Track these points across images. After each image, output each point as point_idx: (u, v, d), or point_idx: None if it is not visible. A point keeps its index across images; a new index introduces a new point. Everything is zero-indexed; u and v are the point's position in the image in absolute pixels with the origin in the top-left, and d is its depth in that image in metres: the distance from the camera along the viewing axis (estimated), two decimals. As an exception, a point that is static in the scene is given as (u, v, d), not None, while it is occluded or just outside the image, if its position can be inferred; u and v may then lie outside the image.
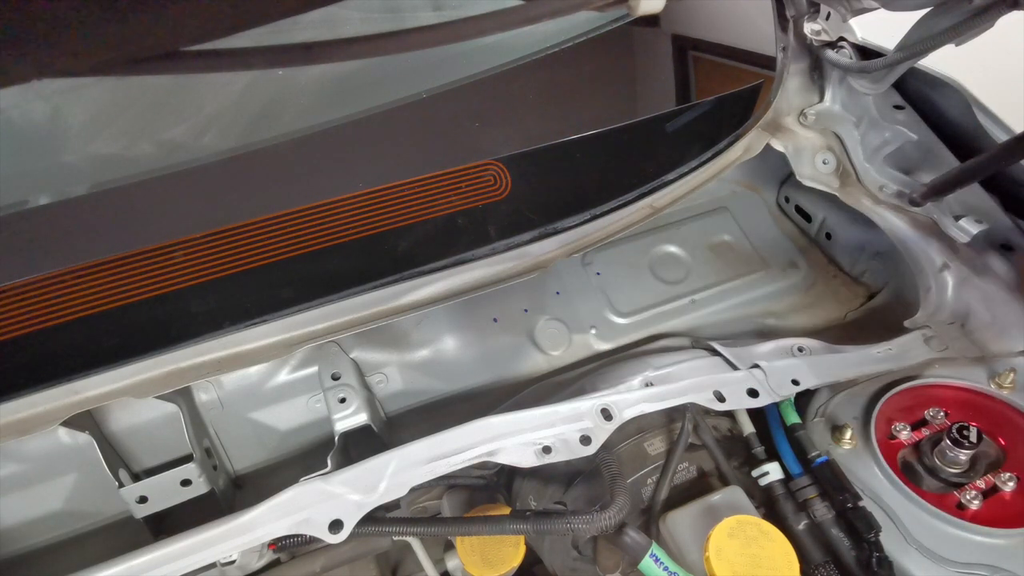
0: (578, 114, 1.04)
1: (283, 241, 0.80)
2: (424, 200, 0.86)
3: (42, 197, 0.82)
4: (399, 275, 0.84)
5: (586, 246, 0.93)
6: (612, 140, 0.97)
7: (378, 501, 0.68)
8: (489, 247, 0.88)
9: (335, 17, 0.87)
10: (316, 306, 0.82)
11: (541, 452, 0.72)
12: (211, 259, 0.78)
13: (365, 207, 0.84)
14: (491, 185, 0.89)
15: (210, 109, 0.90)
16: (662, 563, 0.69)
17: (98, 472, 0.86)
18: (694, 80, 1.16)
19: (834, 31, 0.99)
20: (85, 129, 0.86)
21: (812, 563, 0.75)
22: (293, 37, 0.77)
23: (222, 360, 0.79)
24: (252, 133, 0.90)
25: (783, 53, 1.05)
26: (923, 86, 1.02)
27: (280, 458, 1.05)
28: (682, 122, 1.04)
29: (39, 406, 0.74)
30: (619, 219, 0.95)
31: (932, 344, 0.90)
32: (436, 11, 0.98)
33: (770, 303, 1.20)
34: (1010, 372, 0.82)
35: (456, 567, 0.84)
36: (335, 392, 0.96)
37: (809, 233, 1.29)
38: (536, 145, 0.92)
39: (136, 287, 0.75)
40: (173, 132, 0.89)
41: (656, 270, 1.22)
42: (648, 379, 0.83)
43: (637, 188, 0.97)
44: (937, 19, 0.80)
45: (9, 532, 0.92)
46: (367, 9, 0.94)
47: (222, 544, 0.66)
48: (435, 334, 1.10)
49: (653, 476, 0.81)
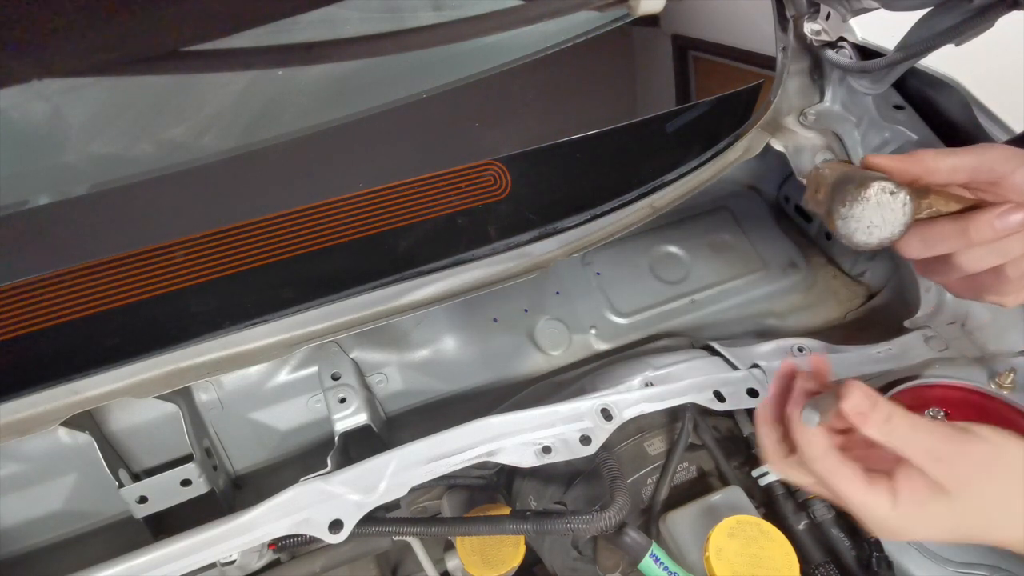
0: (578, 114, 1.04)
1: (283, 241, 0.80)
2: (424, 200, 0.86)
3: (42, 197, 0.82)
4: (399, 275, 0.84)
5: (586, 246, 0.93)
6: (612, 140, 0.97)
7: (378, 501, 0.68)
8: (489, 247, 0.88)
9: (335, 17, 0.87)
10: (316, 306, 0.82)
11: (541, 452, 0.72)
12: (211, 259, 0.78)
13: (365, 207, 0.84)
14: (491, 185, 0.89)
15: (210, 109, 0.89)
16: (662, 563, 0.69)
17: (98, 472, 0.86)
18: (694, 80, 1.16)
19: (834, 31, 0.99)
20: (85, 129, 0.85)
21: (812, 563, 0.75)
22: (293, 37, 0.78)
23: (222, 360, 0.79)
24: (252, 133, 0.90)
25: (783, 53, 1.05)
26: (923, 86, 1.02)
27: (280, 458, 1.05)
28: (682, 122, 1.04)
29: (39, 406, 0.74)
30: (619, 219, 0.96)
31: (932, 344, 0.90)
32: (436, 11, 0.98)
33: (770, 303, 1.20)
34: (1010, 372, 0.82)
35: (456, 567, 0.84)
36: (335, 392, 0.96)
37: (809, 233, 1.29)
38: (536, 145, 0.92)
39: (136, 287, 0.75)
40: (173, 132, 0.89)
41: (656, 270, 1.22)
42: (648, 379, 0.83)
43: (637, 188, 0.97)
44: (937, 19, 0.80)
45: (9, 532, 0.92)
46: (367, 9, 0.94)
47: (222, 544, 0.66)
48: (435, 334, 1.10)
49: (653, 476, 0.81)
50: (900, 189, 0.53)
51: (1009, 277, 0.55)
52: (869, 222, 0.54)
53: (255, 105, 0.91)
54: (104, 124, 0.86)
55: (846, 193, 0.55)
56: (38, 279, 0.73)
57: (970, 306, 0.93)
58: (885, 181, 0.53)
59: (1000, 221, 0.51)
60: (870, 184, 0.53)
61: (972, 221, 0.52)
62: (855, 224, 0.54)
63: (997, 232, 0.52)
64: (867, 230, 0.54)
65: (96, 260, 0.75)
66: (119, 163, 0.85)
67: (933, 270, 0.58)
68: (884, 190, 0.53)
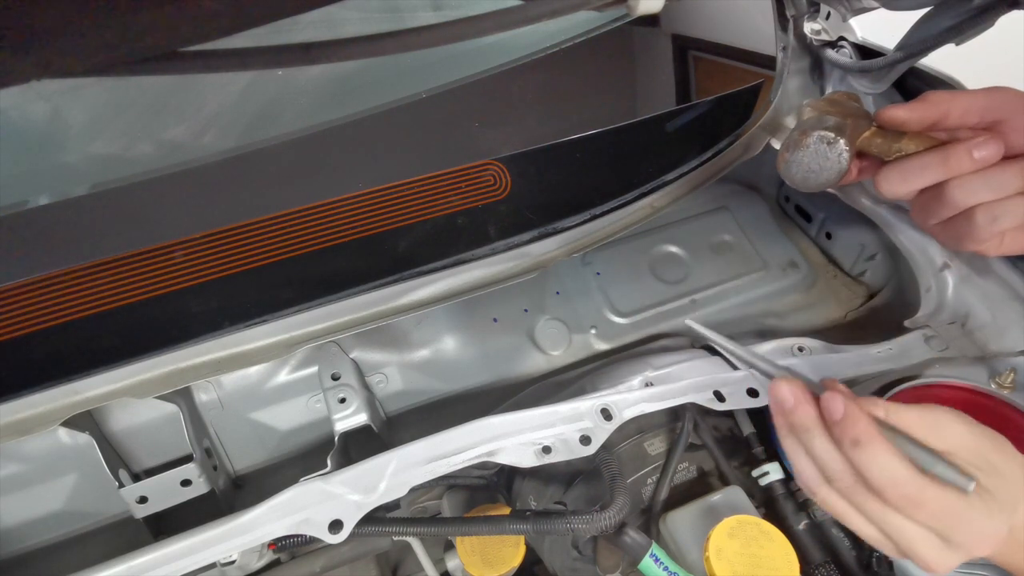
0: (578, 114, 1.04)
1: (283, 241, 0.80)
2: (424, 200, 0.86)
3: (42, 197, 0.82)
4: (399, 275, 0.84)
5: (586, 246, 0.93)
6: (612, 140, 0.97)
7: (378, 501, 0.68)
8: (489, 247, 0.88)
9: (335, 17, 0.87)
10: (316, 306, 0.82)
11: (541, 452, 0.72)
12: (211, 259, 0.78)
13: (365, 207, 0.84)
14: (491, 185, 0.89)
15: (210, 109, 0.90)
16: (662, 563, 0.69)
17: (98, 472, 0.86)
18: (694, 80, 1.16)
19: (834, 31, 0.99)
20: (85, 129, 0.86)
21: (812, 563, 0.75)
22: (293, 37, 0.78)
23: (222, 360, 0.79)
24: (252, 133, 0.90)
25: (783, 52, 1.05)
26: (923, 86, 1.02)
27: (280, 458, 1.05)
28: (682, 122, 1.04)
29: (39, 406, 0.74)
30: (619, 219, 0.95)
31: (932, 344, 0.90)
32: (436, 11, 0.98)
33: (770, 303, 1.20)
34: (1010, 372, 0.82)
35: (456, 567, 0.84)
36: (335, 392, 0.96)
37: (809, 233, 1.29)
38: (536, 145, 0.92)
39: (136, 287, 0.75)
40: (173, 132, 0.89)
41: (656, 270, 1.22)
42: (648, 379, 0.83)
43: (637, 188, 0.97)
44: (937, 19, 0.80)
45: (9, 532, 0.92)
46: (367, 9, 0.94)
47: (222, 544, 0.66)
48: (435, 334, 1.10)
49: (653, 476, 0.81)
50: (838, 140, 0.58)
51: (979, 223, 0.56)
52: (807, 168, 0.60)
53: (255, 105, 0.91)
54: (104, 124, 0.86)
55: (789, 140, 0.60)
56: (38, 279, 0.73)
57: (971, 306, 0.93)
58: (824, 131, 0.58)
59: (978, 151, 0.53)
60: (810, 134, 0.59)
61: (951, 150, 0.55)
62: (795, 168, 0.60)
63: (975, 161, 0.54)
64: (805, 175, 0.60)
65: (96, 260, 0.75)
66: (119, 163, 0.85)
67: (927, 209, 0.59)
68: (823, 140, 0.58)
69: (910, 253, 0.99)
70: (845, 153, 0.58)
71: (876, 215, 1.03)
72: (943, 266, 0.96)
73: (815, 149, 0.58)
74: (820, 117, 0.61)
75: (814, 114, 0.62)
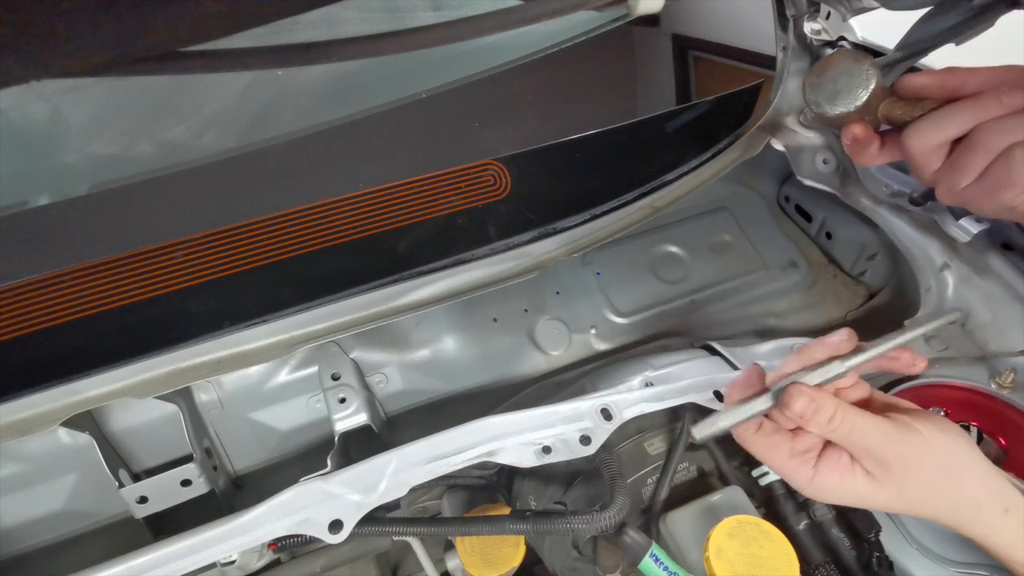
0: (578, 114, 1.04)
1: (283, 241, 0.80)
2: (424, 200, 0.86)
3: (42, 197, 0.82)
4: (399, 275, 0.84)
5: (586, 246, 0.93)
6: (612, 140, 0.97)
7: (378, 501, 0.68)
8: (489, 247, 0.88)
9: (335, 17, 0.87)
10: (316, 306, 0.82)
11: (541, 452, 0.72)
12: (211, 259, 0.78)
13: (365, 207, 0.84)
14: (491, 185, 0.89)
15: (210, 109, 0.90)
16: (662, 563, 0.69)
17: (98, 472, 0.86)
18: (694, 80, 1.16)
19: (834, 31, 0.99)
20: (85, 129, 0.86)
21: (812, 563, 0.75)
22: (293, 37, 0.77)
23: (222, 360, 0.79)
24: (252, 133, 0.90)
25: (783, 52, 1.05)
26: (923, 86, 1.02)
27: (280, 458, 1.05)
28: (682, 122, 1.04)
29: (39, 406, 0.74)
30: (619, 219, 0.95)
31: (933, 344, 0.90)
32: (436, 11, 0.98)
33: (770, 303, 1.20)
34: (1010, 372, 0.82)
35: (456, 567, 0.84)
36: (335, 392, 0.96)
37: (809, 233, 1.29)
38: (536, 145, 0.92)
39: (136, 287, 0.75)
40: (173, 132, 0.89)
41: (656, 270, 1.22)
42: (648, 379, 0.83)
43: (637, 188, 0.97)
44: (937, 19, 0.80)
45: (9, 532, 0.92)
46: (367, 9, 0.94)
47: (222, 544, 0.66)
48: (435, 334, 1.10)
49: (653, 476, 0.81)
50: (866, 57, 0.58)
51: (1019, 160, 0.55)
52: (835, 87, 0.59)
53: (255, 105, 0.91)
54: (104, 124, 0.86)
55: (820, 62, 0.60)
56: (38, 279, 0.73)
57: (971, 306, 0.93)
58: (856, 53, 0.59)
59: (1006, 97, 0.54)
60: (840, 53, 0.60)
61: (980, 97, 0.55)
62: (821, 90, 0.60)
63: (1004, 106, 0.55)
64: (831, 94, 0.59)
65: (96, 260, 0.75)
66: (119, 163, 0.85)
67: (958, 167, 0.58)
68: (851, 57, 0.59)
69: (910, 253, 0.99)
70: (873, 70, 0.58)
71: (876, 215, 1.03)
72: (943, 266, 0.96)
73: (845, 67, 0.58)
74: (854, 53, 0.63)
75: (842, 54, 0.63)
